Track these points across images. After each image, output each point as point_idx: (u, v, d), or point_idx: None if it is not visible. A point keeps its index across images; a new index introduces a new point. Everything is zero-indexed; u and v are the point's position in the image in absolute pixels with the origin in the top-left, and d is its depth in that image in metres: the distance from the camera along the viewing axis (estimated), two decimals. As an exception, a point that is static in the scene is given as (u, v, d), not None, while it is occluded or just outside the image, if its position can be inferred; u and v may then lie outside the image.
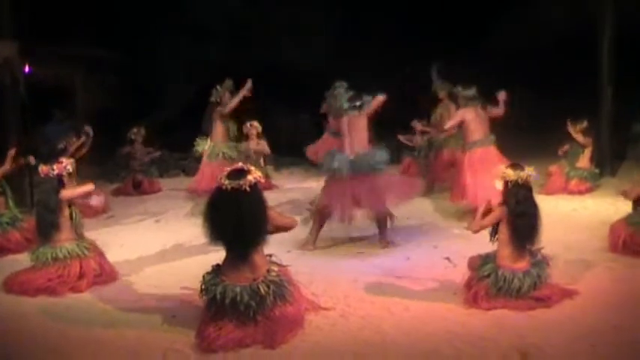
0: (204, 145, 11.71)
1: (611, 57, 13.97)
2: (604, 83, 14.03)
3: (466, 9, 17.32)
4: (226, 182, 5.74)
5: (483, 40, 17.70)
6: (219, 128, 11.69)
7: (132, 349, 5.73)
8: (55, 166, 7.61)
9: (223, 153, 11.53)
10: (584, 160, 12.52)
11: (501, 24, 17.45)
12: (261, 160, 13.93)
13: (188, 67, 17.65)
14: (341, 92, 9.36)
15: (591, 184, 12.45)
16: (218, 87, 11.64)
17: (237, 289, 5.71)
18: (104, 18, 16.48)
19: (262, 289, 5.74)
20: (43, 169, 7.68)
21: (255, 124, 13.83)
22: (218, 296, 5.73)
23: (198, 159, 12.16)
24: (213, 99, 11.64)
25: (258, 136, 13.83)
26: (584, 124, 12.57)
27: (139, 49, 16.63)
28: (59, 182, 7.59)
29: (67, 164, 7.71)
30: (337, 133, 9.63)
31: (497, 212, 6.57)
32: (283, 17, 17.80)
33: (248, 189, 5.72)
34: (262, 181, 6.09)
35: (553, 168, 12.59)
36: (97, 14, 16.23)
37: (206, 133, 11.84)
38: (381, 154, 9.04)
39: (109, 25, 16.53)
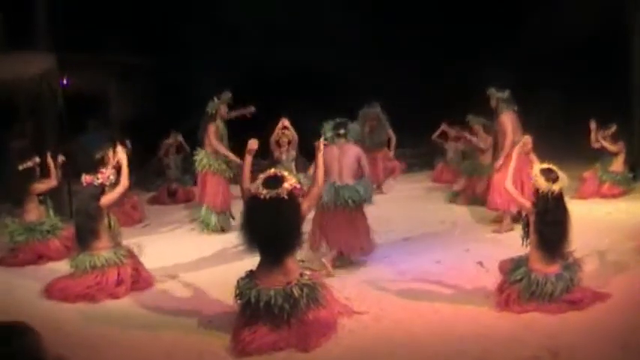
0: (201, 156, 11.20)
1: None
2: (636, 85, 13.91)
3: (494, 12, 17.30)
4: (264, 192, 5.85)
5: (512, 42, 17.66)
6: (212, 140, 11.08)
7: (168, 352, 5.88)
8: (99, 176, 7.83)
9: (210, 165, 11.02)
10: (617, 164, 12.45)
11: (530, 26, 17.39)
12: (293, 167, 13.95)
13: (220, 72, 17.80)
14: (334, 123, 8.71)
15: (625, 187, 12.37)
16: (216, 98, 11.18)
17: (272, 293, 5.81)
18: (137, 25, 16.70)
19: (296, 292, 5.84)
20: (86, 178, 7.89)
21: (287, 132, 13.81)
22: (252, 300, 5.84)
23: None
24: (209, 110, 11.11)
25: (289, 143, 13.83)
26: (613, 128, 12.49)
27: (172, 56, 16.81)
28: (102, 191, 7.81)
29: (109, 174, 7.94)
30: None
31: (528, 206, 6.60)
32: (314, 21, 17.89)
33: (286, 197, 5.86)
34: (298, 187, 6.17)
35: (587, 174, 12.53)
36: (129, 22, 16.44)
37: (201, 144, 11.44)
38: (366, 187, 8.45)
39: (142, 33, 16.75)
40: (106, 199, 7.79)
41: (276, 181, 5.94)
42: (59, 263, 8.80)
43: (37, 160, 9.98)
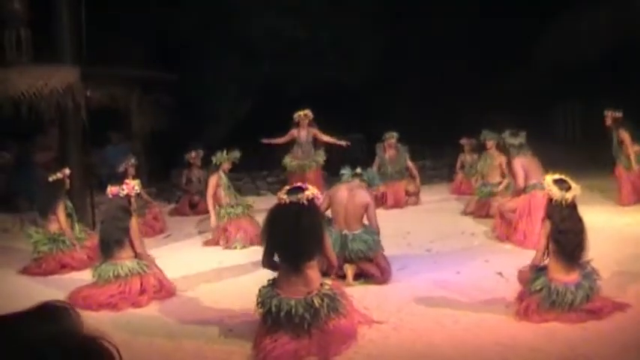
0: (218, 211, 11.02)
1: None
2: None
3: (515, 21, 17.34)
4: (284, 197, 6.08)
5: (533, 53, 17.71)
6: (215, 192, 11.06)
7: (191, 360, 5.95)
8: (124, 187, 7.98)
9: (229, 213, 10.88)
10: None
11: (551, 36, 17.43)
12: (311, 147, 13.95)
13: (240, 86, 17.94)
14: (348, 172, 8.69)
15: None
16: (225, 152, 11.08)
17: (292, 302, 5.89)
18: (159, 40, 16.89)
19: (316, 302, 5.91)
20: (112, 189, 8.07)
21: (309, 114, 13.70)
22: (273, 309, 5.91)
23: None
24: (214, 160, 11.17)
25: (309, 125, 13.70)
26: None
27: (192, 70, 16.97)
28: (129, 202, 7.96)
29: (134, 185, 8.10)
30: None
31: (545, 229, 6.64)
32: (333, 35, 18.01)
33: (305, 202, 6.02)
34: (319, 197, 6.39)
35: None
36: (152, 36, 16.63)
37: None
38: (373, 237, 8.31)
39: (164, 47, 16.93)
40: (134, 225, 7.99)
41: (297, 190, 6.17)
42: (82, 273, 8.93)
43: (67, 171, 10.13)
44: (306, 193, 6.12)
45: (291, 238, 6.00)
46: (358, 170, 8.59)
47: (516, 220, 9.81)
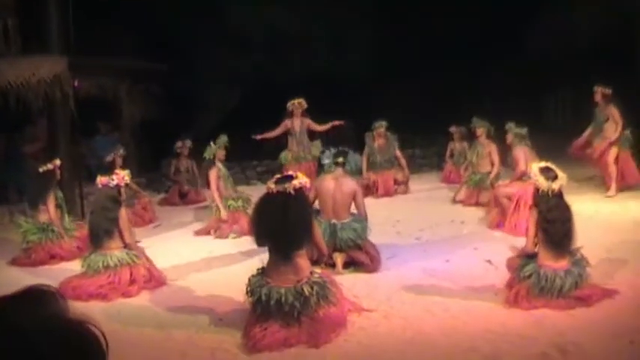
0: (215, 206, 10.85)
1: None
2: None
3: (507, 13, 17.35)
4: (272, 186, 6.10)
5: (522, 45, 17.73)
6: (211, 185, 10.90)
7: (182, 350, 5.96)
8: (114, 177, 7.96)
9: (229, 206, 10.77)
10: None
11: (539, 28, 17.45)
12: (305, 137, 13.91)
13: (230, 76, 17.90)
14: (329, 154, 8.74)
15: None
16: (212, 143, 10.98)
17: (282, 291, 5.90)
18: (149, 30, 16.81)
19: (306, 290, 5.92)
20: (101, 180, 8.03)
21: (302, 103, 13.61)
22: (263, 297, 5.93)
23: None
24: (206, 155, 11.01)
25: (303, 115, 13.63)
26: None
27: (182, 60, 16.92)
28: (118, 192, 7.94)
29: (124, 175, 8.07)
30: None
31: (533, 217, 6.67)
32: (323, 26, 17.99)
33: (293, 192, 6.03)
34: (307, 185, 6.39)
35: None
36: (141, 27, 16.55)
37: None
38: (362, 224, 8.34)
39: (154, 38, 16.85)
40: (124, 214, 7.98)
41: (287, 179, 6.19)
42: (72, 263, 8.91)
43: (58, 162, 10.09)
44: (294, 182, 6.11)
45: (280, 228, 6.01)
46: (340, 159, 8.51)
47: (510, 207, 9.83)
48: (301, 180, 6.19)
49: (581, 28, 16.79)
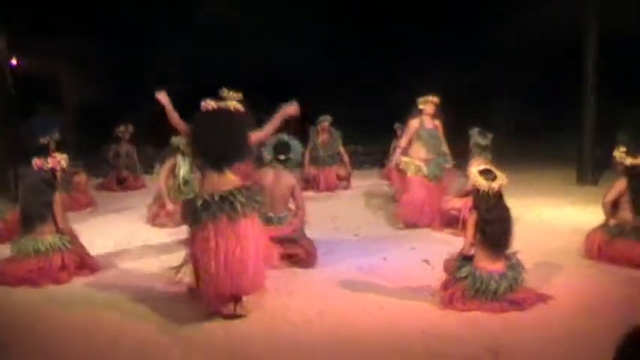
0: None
1: (594, 66, 14.00)
2: (587, 91, 14.07)
3: (455, 13, 17.45)
4: (213, 103, 6.40)
5: (471, 44, 17.84)
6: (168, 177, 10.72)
7: (111, 337, 5.81)
8: (49, 160, 7.74)
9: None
10: None
11: (488, 29, 17.56)
12: None
13: (177, 63, 17.69)
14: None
15: None
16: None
17: (216, 197, 6.08)
18: (93, 10, 16.49)
19: (235, 192, 6.11)
20: (36, 162, 7.81)
21: None
22: (198, 205, 6.09)
23: None
24: (172, 143, 10.91)
25: None
26: None
27: (129, 44, 16.66)
28: (53, 176, 7.73)
29: (61, 159, 7.86)
30: None
31: (472, 219, 6.67)
32: (274, 18, 17.88)
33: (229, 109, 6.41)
34: (242, 110, 6.52)
35: None
36: (85, 7, 16.23)
37: None
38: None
39: (98, 18, 16.54)
40: (59, 200, 7.81)
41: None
42: (1, 247, 8.63)
43: None
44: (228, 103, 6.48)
45: (216, 141, 6.22)
46: (281, 157, 8.44)
47: (461, 215, 9.57)
48: (236, 105, 6.46)
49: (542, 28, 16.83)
